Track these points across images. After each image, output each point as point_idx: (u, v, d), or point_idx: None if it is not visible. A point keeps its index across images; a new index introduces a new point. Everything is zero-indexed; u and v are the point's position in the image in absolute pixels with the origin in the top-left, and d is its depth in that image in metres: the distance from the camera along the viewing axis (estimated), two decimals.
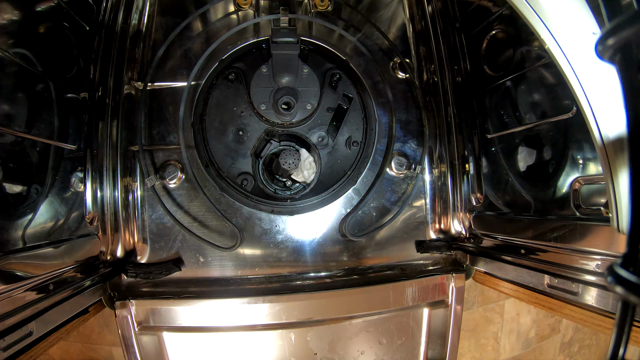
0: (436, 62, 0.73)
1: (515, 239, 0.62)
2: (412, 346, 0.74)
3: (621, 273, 0.19)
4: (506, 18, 0.60)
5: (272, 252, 0.66)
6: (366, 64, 0.70)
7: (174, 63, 0.66)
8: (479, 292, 1.36)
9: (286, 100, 0.63)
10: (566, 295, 0.51)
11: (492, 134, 0.68)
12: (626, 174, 0.36)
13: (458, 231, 0.72)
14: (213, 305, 0.63)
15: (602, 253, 0.47)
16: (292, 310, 0.64)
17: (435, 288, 0.69)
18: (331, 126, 0.69)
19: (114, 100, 0.63)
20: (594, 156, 0.49)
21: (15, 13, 0.47)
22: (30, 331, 0.45)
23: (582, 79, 0.37)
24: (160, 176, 0.62)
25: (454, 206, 0.72)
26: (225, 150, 0.66)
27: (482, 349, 1.41)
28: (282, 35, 0.64)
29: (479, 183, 0.71)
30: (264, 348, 0.69)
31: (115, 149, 0.62)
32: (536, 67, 0.56)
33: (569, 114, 0.51)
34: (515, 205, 0.63)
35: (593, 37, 0.36)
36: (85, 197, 0.60)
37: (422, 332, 0.74)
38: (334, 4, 0.72)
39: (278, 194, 0.68)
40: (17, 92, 0.48)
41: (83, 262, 0.58)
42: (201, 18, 0.67)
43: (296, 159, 0.63)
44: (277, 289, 0.65)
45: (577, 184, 0.51)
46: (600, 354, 1.68)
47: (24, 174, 0.50)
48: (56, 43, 0.55)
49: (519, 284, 0.60)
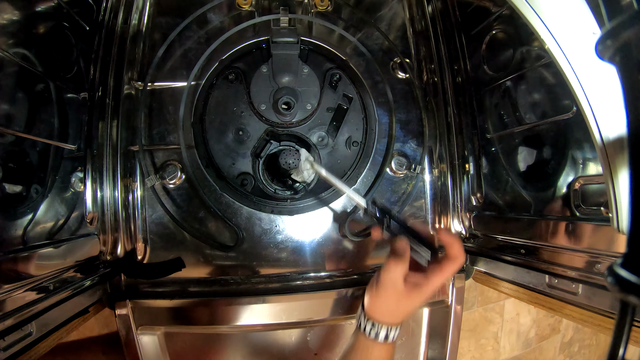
0: (436, 62, 0.73)
1: (515, 239, 0.62)
2: (412, 346, 0.74)
3: (621, 273, 0.19)
4: (506, 18, 0.60)
5: (272, 252, 0.66)
6: (366, 64, 0.70)
7: (174, 63, 0.66)
8: (479, 292, 1.36)
9: (286, 100, 0.63)
10: (566, 295, 0.51)
11: (492, 134, 0.68)
12: (626, 174, 0.36)
13: (458, 231, 0.72)
14: (213, 305, 0.63)
15: (602, 253, 0.47)
16: (292, 310, 0.64)
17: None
18: (331, 126, 0.69)
19: (114, 100, 0.63)
20: (594, 156, 0.49)
21: (15, 13, 0.47)
22: (30, 331, 0.46)
23: (582, 79, 0.37)
24: (160, 176, 0.62)
25: (454, 206, 0.72)
26: (225, 150, 0.66)
27: (482, 349, 1.42)
28: (282, 35, 0.64)
29: (479, 183, 0.71)
30: (264, 348, 0.70)
31: (115, 149, 0.62)
32: (536, 67, 0.56)
33: (569, 114, 0.51)
34: (515, 205, 0.63)
35: (593, 37, 0.36)
36: (85, 197, 0.60)
37: (422, 332, 0.75)
38: (334, 4, 0.72)
39: (278, 194, 0.68)
40: (17, 92, 0.48)
41: (83, 262, 0.58)
42: (201, 18, 0.66)
43: (296, 159, 0.62)
44: (277, 289, 0.65)
45: (577, 184, 0.51)
46: (600, 354, 1.68)
47: (24, 174, 0.50)
48: (56, 43, 0.55)
49: (519, 284, 0.60)
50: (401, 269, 0.48)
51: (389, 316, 0.49)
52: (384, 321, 0.49)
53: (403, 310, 0.49)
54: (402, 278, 0.48)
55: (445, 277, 0.48)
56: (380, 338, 0.49)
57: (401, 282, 0.48)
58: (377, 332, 0.49)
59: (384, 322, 0.49)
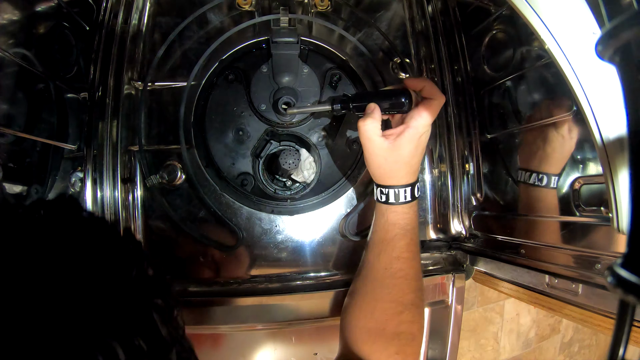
0: (436, 62, 0.73)
1: (515, 239, 0.62)
2: None
3: (621, 273, 0.19)
4: (506, 18, 0.61)
5: (272, 252, 0.66)
6: (366, 64, 0.70)
7: (174, 63, 0.66)
8: (479, 292, 1.36)
9: (286, 100, 0.63)
10: (566, 295, 0.51)
11: (492, 134, 0.68)
12: (626, 174, 0.36)
13: (458, 231, 0.72)
14: (213, 305, 0.63)
15: (602, 253, 0.47)
16: (292, 310, 0.64)
17: (436, 288, 0.69)
18: (331, 126, 0.69)
19: (114, 100, 0.63)
20: (594, 156, 0.49)
21: (16, 13, 0.47)
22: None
23: (582, 79, 0.37)
24: (160, 176, 0.62)
25: (454, 206, 0.72)
26: (225, 150, 0.66)
27: (482, 349, 1.42)
28: (282, 35, 0.64)
29: (479, 183, 0.71)
30: (264, 348, 0.70)
31: (115, 149, 0.62)
32: (536, 67, 0.56)
33: (569, 114, 0.51)
34: (516, 205, 0.63)
35: (593, 37, 0.36)
36: (85, 197, 0.60)
37: (423, 332, 0.74)
38: (334, 4, 0.72)
39: (278, 194, 0.68)
40: (17, 92, 0.48)
41: None
42: (201, 18, 0.67)
43: (296, 159, 0.62)
44: (277, 289, 0.65)
45: (577, 184, 0.51)
46: (600, 354, 1.69)
47: (24, 174, 0.50)
48: (56, 43, 0.55)
49: (519, 284, 0.60)
50: (371, 124, 0.48)
51: (388, 177, 0.50)
52: (388, 183, 0.50)
53: (398, 166, 0.49)
54: (376, 133, 0.48)
55: (425, 114, 0.47)
56: (390, 199, 0.50)
57: (376, 136, 0.48)
58: (387, 194, 0.51)
59: (387, 184, 0.50)
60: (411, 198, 0.51)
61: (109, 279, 0.26)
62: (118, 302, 0.25)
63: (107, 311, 0.24)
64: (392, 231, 0.51)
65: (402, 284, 0.51)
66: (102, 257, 0.27)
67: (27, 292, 0.22)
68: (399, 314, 0.50)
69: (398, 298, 0.50)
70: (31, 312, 0.21)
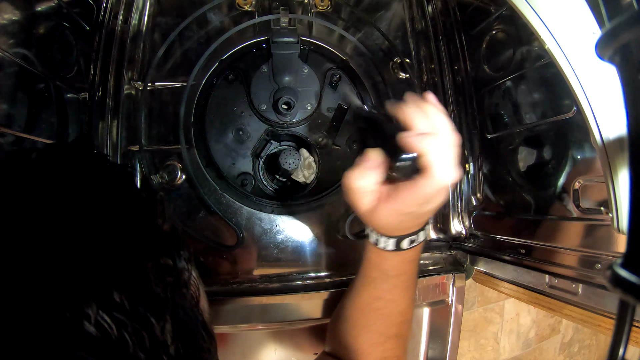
0: (436, 62, 0.73)
1: (515, 238, 0.62)
2: (412, 346, 0.74)
3: (621, 273, 0.19)
4: (506, 18, 0.61)
5: (272, 252, 0.66)
6: (366, 64, 0.70)
7: (174, 63, 0.66)
8: (479, 292, 1.36)
9: (286, 100, 0.63)
10: (566, 295, 0.51)
11: (492, 134, 0.68)
12: (626, 174, 0.36)
13: (458, 231, 0.72)
14: (213, 305, 0.63)
15: (602, 253, 0.47)
16: (292, 310, 0.64)
17: (436, 288, 0.69)
18: (331, 126, 0.69)
19: (114, 100, 0.63)
20: (594, 156, 0.49)
21: (16, 13, 0.47)
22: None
23: (582, 79, 0.37)
24: (160, 176, 0.62)
25: (454, 206, 0.72)
26: (225, 150, 0.66)
27: (482, 349, 1.42)
28: (282, 35, 0.64)
29: (479, 183, 0.71)
30: (264, 348, 0.70)
31: (115, 149, 0.62)
32: (536, 67, 0.56)
33: (569, 113, 0.51)
34: (516, 205, 0.63)
35: (593, 37, 0.36)
36: None
37: (423, 332, 0.75)
38: (334, 4, 0.72)
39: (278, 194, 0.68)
40: (17, 92, 0.48)
41: None
42: (201, 18, 0.67)
43: (296, 159, 0.62)
44: (277, 289, 0.65)
45: (577, 184, 0.51)
46: (600, 354, 1.68)
47: None
48: (56, 43, 0.55)
49: (519, 284, 0.60)
50: (363, 181, 0.40)
51: (369, 222, 0.42)
52: (369, 225, 0.43)
53: (381, 224, 0.41)
54: (367, 189, 0.40)
55: (412, 194, 0.36)
56: (371, 238, 0.44)
57: (366, 193, 0.40)
58: (368, 233, 0.44)
59: (369, 226, 0.44)
60: (394, 248, 0.42)
61: (109, 226, 0.24)
62: (112, 251, 0.22)
63: (96, 260, 0.21)
64: (374, 271, 0.46)
65: (386, 320, 0.49)
66: (109, 203, 0.25)
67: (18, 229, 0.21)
68: (382, 343, 0.49)
69: (382, 330, 0.49)
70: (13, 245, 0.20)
